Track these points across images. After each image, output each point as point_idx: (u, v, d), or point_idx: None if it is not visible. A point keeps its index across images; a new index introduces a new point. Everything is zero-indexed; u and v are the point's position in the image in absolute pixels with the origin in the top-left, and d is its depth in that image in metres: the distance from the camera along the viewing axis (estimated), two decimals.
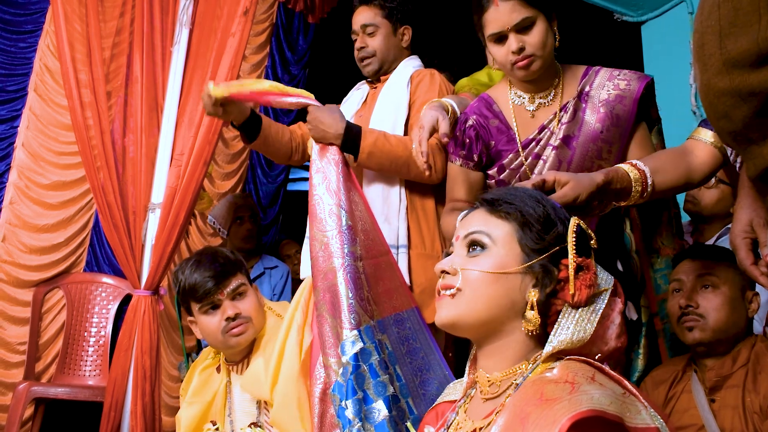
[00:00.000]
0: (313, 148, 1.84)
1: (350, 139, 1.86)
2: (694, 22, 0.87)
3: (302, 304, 1.78)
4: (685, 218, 2.69)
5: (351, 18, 2.26)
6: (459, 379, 1.24)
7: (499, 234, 1.06)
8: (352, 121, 2.13)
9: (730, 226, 2.37)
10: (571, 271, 1.02)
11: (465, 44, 2.36)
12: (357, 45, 2.19)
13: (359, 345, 1.58)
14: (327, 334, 1.62)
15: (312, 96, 1.93)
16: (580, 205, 1.27)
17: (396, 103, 2.06)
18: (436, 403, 1.24)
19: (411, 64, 2.17)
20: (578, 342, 1.01)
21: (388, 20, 2.17)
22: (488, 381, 1.06)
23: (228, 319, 1.82)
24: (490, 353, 1.06)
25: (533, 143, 1.71)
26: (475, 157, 1.77)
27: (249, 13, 2.55)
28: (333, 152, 1.84)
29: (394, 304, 1.75)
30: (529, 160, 1.70)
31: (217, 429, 1.88)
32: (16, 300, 3.19)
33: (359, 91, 2.28)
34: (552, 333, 1.01)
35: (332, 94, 2.37)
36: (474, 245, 1.07)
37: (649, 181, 1.37)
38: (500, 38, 1.62)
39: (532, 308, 1.01)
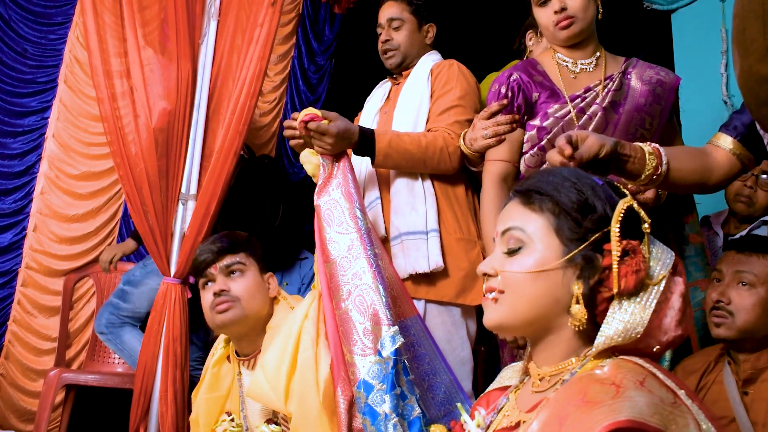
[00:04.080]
0: (321, 158, 1.86)
1: (365, 142, 1.90)
2: (733, 7, 0.86)
3: (312, 314, 1.76)
4: (713, 209, 2.68)
5: (377, 8, 2.29)
6: (515, 363, 1.23)
7: (534, 228, 1.01)
8: (376, 118, 2.20)
9: (766, 218, 2.38)
10: (615, 258, 0.96)
11: (486, 42, 2.37)
12: (382, 38, 2.24)
13: (400, 340, 1.60)
14: (353, 331, 1.63)
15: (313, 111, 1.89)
16: (604, 162, 1.25)
17: (418, 97, 2.11)
18: (489, 389, 1.23)
19: (431, 59, 2.21)
20: (632, 337, 0.96)
21: (414, 16, 2.23)
22: (538, 375, 1.04)
23: (215, 294, 1.83)
24: (541, 349, 1.04)
25: (579, 99, 1.80)
26: (514, 110, 1.83)
27: (277, 4, 2.56)
28: (344, 160, 1.87)
29: (398, 311, 1.77)
30: (575, 111, 1.78)
31: (232, 420, 1.90)
32: (47, 289, 3.26)
33: (381, 89, 2.33)
34: (602, 327, 0.97)
35: (358, 84, 2.39)
36: (511, 243, 1.03)
37: (664, 160, 1.33)
38: (544, 1, 1.79)
39: (577, 302, 0.97)
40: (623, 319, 0.95)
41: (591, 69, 1.84)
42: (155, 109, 2.57)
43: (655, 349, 0.98)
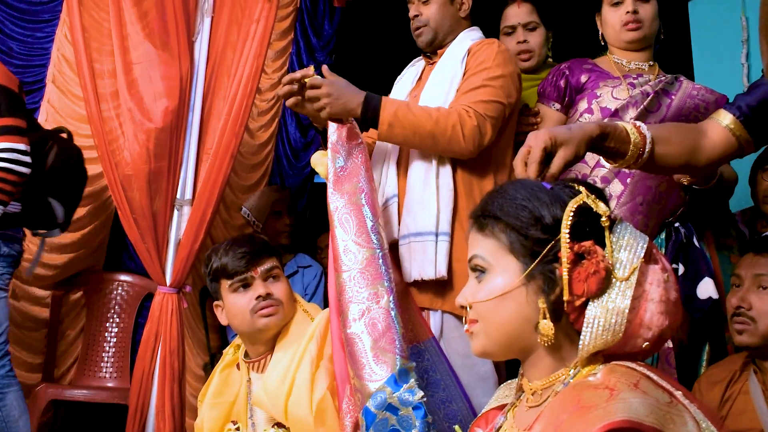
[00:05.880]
0: (331, 152, 1.79)
1: (370, 110, 1.81)
2: None
3: (317, 336, 1.77)
4: (737, 207, 2.66)
5: (377, 2, 2.24)
6: (510, 381, 1.25)
7: (491, 253, 1.05)
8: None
9: None
10: (565, 266, 0.98)
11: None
12: (411, 13, 2.10)
13: (413, 378, 1.55)
14: (361, 355, 1.58)
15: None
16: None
17: (449, 78, 1.98)
18: (485, 409, 1.25)
19: (470, 36, 2.06)
20: (614, 339, 0.97)
21: None
22: (530, 389, 1.07)
23: (259, 297, 1.84)
24: (530, 365, 1.07)
25: (631, 78, 2.02)
26: (558, 94, 2.10)
27: None
28: (358, 151, 1.81)
29: (411, 335, 1.73)
30: (626, 83, 1.99)
31: (238, 429, 1.91)
32: (36, 300, 3.24)
33: (414, 68, 2.20)
34: (582, 333, 0.98)
35: (359, 81, 2.35)
36: (476, 272, 1.07)
37: (648, 147, 1.32)
38: (618, 2, 2.03)
39: (544, 317, 1.00)
40: (600, 322, 0.97)
41: (645, 68, 2.05)
42: (154, 107, 2.56)
43: (644, 346, 0.99)
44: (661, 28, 2.09)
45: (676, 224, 2.03)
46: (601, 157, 1.79)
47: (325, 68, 1.88)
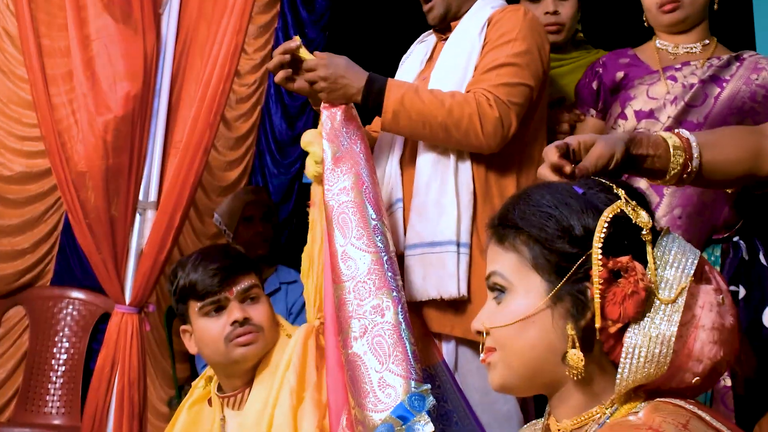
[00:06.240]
0: (325, 142, 1.78)
1: (372, 95, 1.79)
2: None
3: (295, 361, 1.76)
4: None
5: None
6: (535, 420, 1.23)
7: (510, 269, 1.05)
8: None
9: None
10: (596, 287, 0.96)
11: None
12: None
13: (431, 402, 1.52)
14: (365, 380, 1.56)
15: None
16: (617, 168, 1.21)
17: (466, 55, 1.92)
18: None
19: (490, 4, 2.00)
20: (656, 374, 0.95)
21: None
22: (559, 430, 1.05)
23: (235, 323, 1.81)
24: (557, 401, 1.06)
25: (672, 70, 2.03)
26: (593, 97, 2.17)
27: None
28: (357, 137, 1.80)
29: (421, 356, 1.70)
30: (665, 77, 2.03)
31: None
32: None
33: (423, 45, 2.15)
34: (620, 365, 0.97)
35: (358, 63, 2.32)
36: (495, 291, 1.07)
37: (695, 153, 1.27)
38: None
39: (573, 346, 0.98)
40: (641, 353, 0.96)
41: (696, 52, 2.07)
42: (114, 93, 2.51)
43: (694, 381, 0.98)
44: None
45: (735, 238, 1.98)
46: None
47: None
